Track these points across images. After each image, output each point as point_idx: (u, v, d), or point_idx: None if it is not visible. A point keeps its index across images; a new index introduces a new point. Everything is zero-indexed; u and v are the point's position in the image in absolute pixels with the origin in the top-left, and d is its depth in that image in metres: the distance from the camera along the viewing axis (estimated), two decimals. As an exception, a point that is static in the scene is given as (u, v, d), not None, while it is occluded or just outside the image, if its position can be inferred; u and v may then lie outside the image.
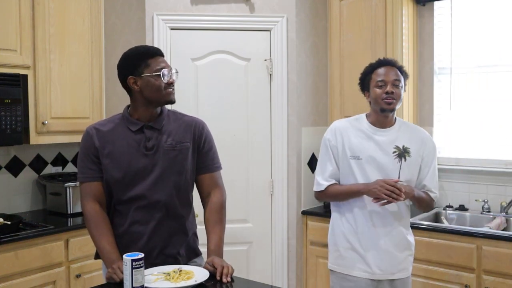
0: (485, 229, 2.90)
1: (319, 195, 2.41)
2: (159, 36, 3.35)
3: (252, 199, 3.52)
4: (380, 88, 2.24)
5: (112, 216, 2.08)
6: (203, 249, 2.20)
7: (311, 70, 3.64)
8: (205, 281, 1.90)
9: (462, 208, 3.37)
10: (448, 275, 2.90)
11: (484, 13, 3.39)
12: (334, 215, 2.43)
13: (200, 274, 1.95)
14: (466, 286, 2.83)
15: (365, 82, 2.34)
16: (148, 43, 3.34)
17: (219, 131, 3.39)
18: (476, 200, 3.32)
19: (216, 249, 2.07)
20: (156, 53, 2.02)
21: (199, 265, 2.11)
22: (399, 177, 2.25)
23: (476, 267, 2.82)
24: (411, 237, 2.37)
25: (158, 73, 1.98)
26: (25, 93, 3.01)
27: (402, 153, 2.28)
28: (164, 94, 2.00)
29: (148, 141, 2.01)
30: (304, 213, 3.54)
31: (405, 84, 2.32)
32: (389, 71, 2.27)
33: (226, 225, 3.58)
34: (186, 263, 2.10)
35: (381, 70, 2.27)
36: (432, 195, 2.35)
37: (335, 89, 3.62)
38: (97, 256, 2.15)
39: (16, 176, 3.39)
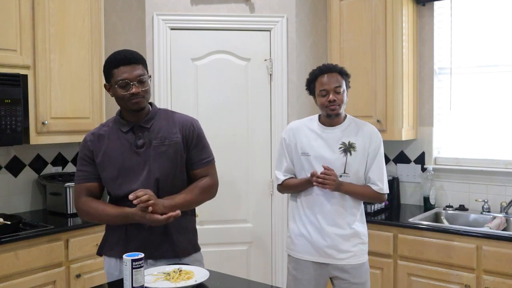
0: (485, 229, 2.90)
1: (279, 187, 2.64)
2: (159, 36, 3.35)
3: (252, 199, 3.52)
4: (324, 97, 2.43)
5: None
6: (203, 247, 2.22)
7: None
8: (205, 281, 1.90)
9: (462, 208, 3.37)
10: (448, 275, 2.90)
11: (484, 13, 3.39)
12: (290, 204, 2.66)
13: (200, 274, 1.95)
14: (466, 286, 2.83)
15: (310, 88, 2.53)
16: (148, 43, 3.34)
17: (219, 131, 3.40)
18: (476, 200, 3.32)
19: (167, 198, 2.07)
20: (120, 63, 2.03)
21: (198, 260, 2.18)
22: (344, 171, 2.46)
23: (476, 267, 2.82)
24: (360, 226, 2.50)
25: (118, 84, 2.03)
26: (25, 93, 3.01)
27: (347, 148, 2.46)
28: (128, 104, 2.05)
29: (138, 140, 2.09)
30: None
31: (347, 85, 2.50)
32: (330, 79, 2.43)
33: (226, 225, 3.57)
34: (185, 257, 2.13)
35: (322, 79, 2.44)
36: (375, 187, 2.48)
37: (335, 89, 3.62)
38: (99, 252, 2.20)
39: (16, 176, 3.39)
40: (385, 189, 2.52)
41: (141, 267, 1.80)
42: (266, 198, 3.53)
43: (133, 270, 1.78)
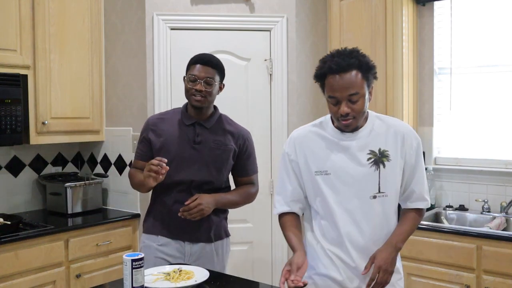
0: (485, 229, 2.90)
1: (279, 220, 2.01)
2: (159, 36, 3.35)
3: (252, 199, 3.51)
4: (334, 106, 1.81)
5: (158, 193, 2.36)
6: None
7: (311, 70, 3.60)
8: (205, 281, 1.90)
9: (462, 208, 3.37)
10: (448, 275, 2.90)
11: (484, 13, 3.39)
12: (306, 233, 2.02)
13: (200, 274, 1.95)
14: (466, 286, 2.83)
15: (320, 84, 1.89)
16: (148, 43, 3.34)
17: (219, 131, 3.40)
18: (476, 200, 3.31)
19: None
20: (198, 61, 2.30)
21: (227, 245, 2.47)
22: (379, 190, 1.84)
23: (476, 267, 2.82)
24: (398, 259, 1.98)
25: (188, 77, 2.28)
26: (25, 93, 3.01)
27: (379, 159, 1.84)
28: (190, 98, 2.29)
29: (197, 136, 2.31)
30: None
31: (371, 82, 1.83)
32: (342, 83, 1.76)
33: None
34: (215, 241, 2.38)
35: (333, 82, 1.78)
36: (421, 204, 1.93)
37: (335, 89, 3.62)
38: (144, 230, 2.43)
39: (16, 176, 3.39)
40: (430, 201, 1.98)
41: (141, 267, 1.80)
42: (266, 198, 3.52)
43: (133, 270, 1.78)
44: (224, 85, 2.40)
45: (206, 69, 2.27)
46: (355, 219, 1.85)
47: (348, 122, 1.80)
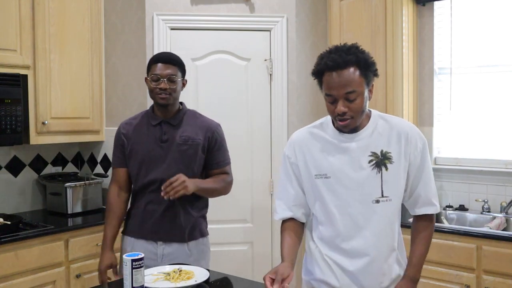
0: (485, 229, 2.90)
1: (281, 225, 1.93)
2: (159, 36, 3.35)
3: (252, 199, 3.51)
4: (331, 104, 1.74)
5: (135, 195, 2.41)
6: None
7: (311, 70, 3.63)
8: (205, 281, 1.90)
9: (462, 208, 3.37)
10: (448, 275, 2.90)
11: (484, 13, 3.39)
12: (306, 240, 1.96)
13: (200, 274, 1.95)
14: (466, 286, 2.83)
15: (318, 81, 1.81)
16: (148, 43, 3.34)
17: (219, 131, 3.40)
18: (476, 200, 3.31)
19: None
20: (159, 60, 2.31)
21: (203, 245, 2.39)
22: (382, 194, 1.76)
23: (476, 267, 2.82)
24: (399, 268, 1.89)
25: (151, 77, 2.29)
26: (25, 93, 3.01)
27: (381, 161, 1.76)
28: (156, 97, 2.29)
29: (163, 135, 2.32)
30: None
31: (370, 79, 1.77)
32: (339, 80, 1.68)
33: (226, 225, 3.59)
34: (189, 242, 2.33)
35: (329, 79, 1.71)
36: (430, 209, 1.84)
37: (335, 89, 3.61)
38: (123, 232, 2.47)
39: (16, 176, 3.39)
40: (439, 206, 1.88)
41: (141, 267, 1.80)
42: (266, 198, 3.53)
43: (133, 270, 1.78)
44: (186, 80, 2.40)
45: (168, 66, 2.28)
46: (357, 224, 1.77)
47: (346, 122, 1.71)
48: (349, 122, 1.71)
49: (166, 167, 2.29)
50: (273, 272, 1.68)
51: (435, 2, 3.51)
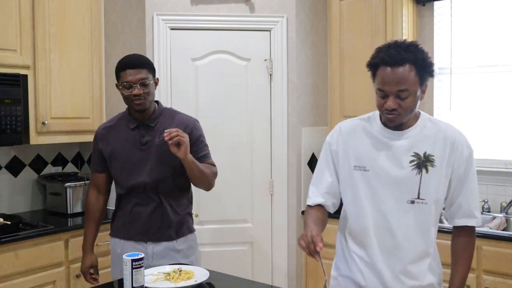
0: (485, 229, 2.89)
1: (306, 209, 1.95)
2: (159, 36, 3.35)
3: (252, 199, 3.51)
4: (381, 99, 1.72)
5: (120, 198, 2.39)
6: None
7: (311, 70, 3.64)
8: (205, 281, 1.90)
9: (462, 208, 3.37)
10: (448, 275, 2.89)
11: (484, 13, 3.39)
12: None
13: (200, 274, 1.95)
14: (466, 286, 2.83)
15: (371, 72, 1.77)
16: (148, 43, 3.34)
17: (219, 131, 3.40)
18: (476, 200, 3.31)
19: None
20: (126, 66, 2.24)
21: (191, 240, 2.39)
22: (418, 195, 1.74)
23: (476, 267, 2.81)
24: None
25: (123, 85, 2.24)
26: (25, 93, 3.01)
27: (422, 162, 1.74)
28: (131, 103, 2.26)
29: (142, 138, 2.31)
30: (304, 213, 3.53)
31: (425, 79, 1.72)
32: (393, 77, 1.65)
33: (226, 225, 3.59)
34: (178, 239, 2.34)
35: (383, 74, 1.68)
36: (471, 222, 1.81)
37: (335, 89, 3.62)
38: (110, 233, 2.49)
39: (16, 176, 3.39)
40: (480, 219, 1.84)
41: (141, 267, 1.80)
42: (266, 198, 3.53)
43: (133, 270, 1.78)
44: (158, 79, 2.37)
45: (138, 71, 2.22)
46: (388, 221, 1.76)
47: (392, 116, 1.69)
48: (395, 118, 1.70)
49: (149, 170, 2.28)
50: (304, 236, 1.66)
51: (435, 2, 3.51)
